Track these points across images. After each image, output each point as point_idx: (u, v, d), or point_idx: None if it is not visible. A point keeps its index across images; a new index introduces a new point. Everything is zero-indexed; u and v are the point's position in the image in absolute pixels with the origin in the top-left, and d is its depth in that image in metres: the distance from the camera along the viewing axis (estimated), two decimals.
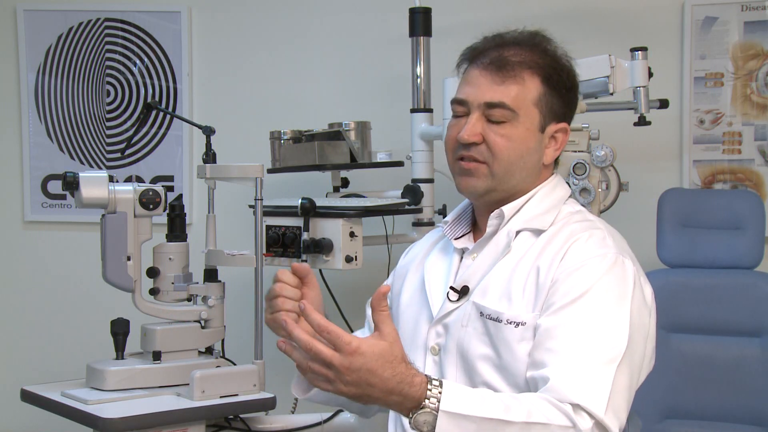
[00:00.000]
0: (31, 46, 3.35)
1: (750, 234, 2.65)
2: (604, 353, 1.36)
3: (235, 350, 2.44)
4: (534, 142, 1.54)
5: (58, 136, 3.37)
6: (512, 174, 1.53)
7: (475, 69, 1.54)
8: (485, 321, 1.48)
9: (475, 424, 1.28)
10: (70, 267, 3.36)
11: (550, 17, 3.07)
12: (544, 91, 1.53)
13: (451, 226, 1.64)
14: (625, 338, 1.38)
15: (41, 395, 2.26)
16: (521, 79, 1.51)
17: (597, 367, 1.34)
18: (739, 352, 2.61)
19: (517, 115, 1.51)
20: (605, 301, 1.41)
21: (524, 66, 1.52)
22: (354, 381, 1.26)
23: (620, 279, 1.45)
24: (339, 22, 3.27)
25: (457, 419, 1.28)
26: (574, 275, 1.43)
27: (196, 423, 2.15)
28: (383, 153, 2.88)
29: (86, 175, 2.24)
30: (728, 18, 2.98)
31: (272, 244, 2.54)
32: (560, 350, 1.37)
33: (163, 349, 2.28)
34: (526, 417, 1.28)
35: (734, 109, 2.99)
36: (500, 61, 1.51)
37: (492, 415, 1.28)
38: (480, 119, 1.52)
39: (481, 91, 1.52)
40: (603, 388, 1.33)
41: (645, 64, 2.55)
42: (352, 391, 1.27)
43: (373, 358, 1.26)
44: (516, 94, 1.51)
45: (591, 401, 1.31)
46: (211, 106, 3.32)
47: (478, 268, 1.54)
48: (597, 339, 1.37)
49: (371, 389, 1.27)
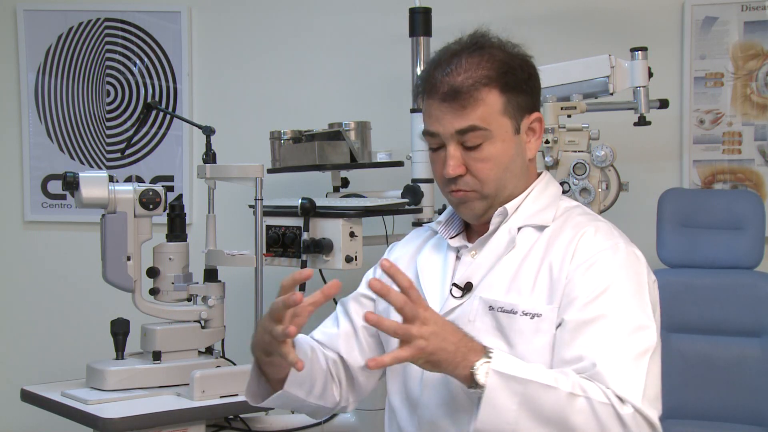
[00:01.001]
0: (31, 46, 3.35)
1: (750, 234, 2.65)
2: (637, 344, 1.40)
3: (235, 350, 2.44)
4: (513, 147, 1.55)
5: (58, 136, 3.37)
6: (504, 187, 1.56)
7: (433, 102, 1.54)
8: (496, 314, 1.50)
9: (522, 386, 1.32)
10: (70, 267, 3.36)
11: (550, 17, 3.07)
12: (506, 98, 1.53)
13: (445, 225, 1.65)
14: (654, 328, 1.43)
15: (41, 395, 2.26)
16: (480, 99, 1.50)
17: (631, 359, 1.38)
18: (739, 352, 2.61)
19: (490, 131, 1.51)
20: (628, 293, 1.44)
21: (479, 86, 1.51)
22: (432, 332, 1.31)
23: (636, 269, 1.48)
24: (339, 22, 3.27)
25: (506, 379, 1.32)
26: (592, 270, 1.46)
27: (196, 423, 2.15)
28: (383, 153, 2.88)
29: (86, 175, 2.25)
30: (728, 18, 2.98)
31: (272, 244, 2.54)
32: (595, 344, 1.39)
33: (163, 349, 2.28)
34: (571, 388, 1.32)
35: (734, 109, 2.99)
36: (454, 91, 1.51)
37: (539, 380, 1.33)
38: (457, 149, 1.53)
39: (448, 122, 1.52)
40: (639, 379, 1.37)
41: (645, 64, 2.55)
42: (430, 345, 1.30)
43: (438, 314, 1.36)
44: (481, 113, 1.50)
45: (630, 391, 1.35)
46: (211, 106, 3.32)
47: (480, 264, 1.55)
48: (628, 331, 1.41)
49: (446, 341, 1.31)
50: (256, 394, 1.55)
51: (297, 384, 1.52)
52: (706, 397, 2.62)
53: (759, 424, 2.57)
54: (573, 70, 2.61)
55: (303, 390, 1.55)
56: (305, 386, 1.55)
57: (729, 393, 2.60)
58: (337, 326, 1.69)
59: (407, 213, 2.67)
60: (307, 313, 1.41)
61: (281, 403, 1.56)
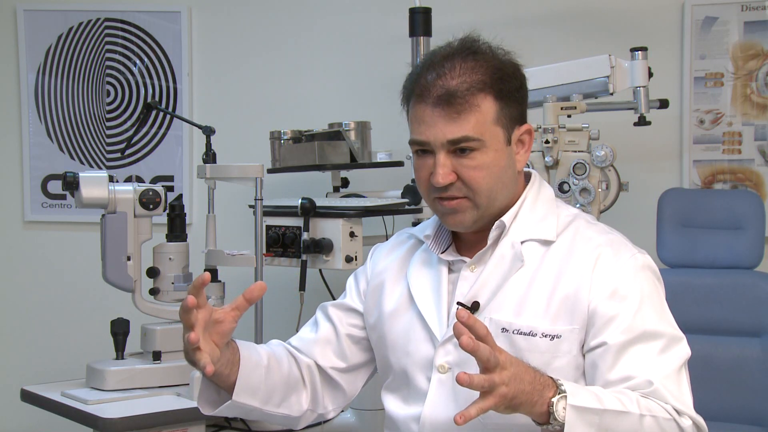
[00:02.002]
0: (31, 46, 3.35)
1: (750, 234, 2.65)
2: (678, 357, 1.43)
3: None
4: (505, 158, 1.49)
5: (58, 136, 3.37)
6: (495, 198, 1.50)
7: (425, 107, 1.46)
8: (511, 336, 1.46)
9: (597, 417, 1.31)
10: (70, 267, 3.36)
11: (550, 17, 3.07)
12: (499, 107, 1.47)
13: (435, 240, 1.58)
14: (683, 339, 1.46)
15: (41, 395, 2.26)
16: (475, 105, 1.45)
17: (677, 372, 1.42)
18: (739, 352, 2.61)
19: (483, 141, 1.46)
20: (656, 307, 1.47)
21: (474, 91, 1.45)
22: (512, 376, 1.27)
23: (654, 279, 1.51)
24: (339, 22, 3.26)
25: (581, 412, 1.31)
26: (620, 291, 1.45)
27: (196, 423, 2.15)
28: (383, 153, 2.87)
29: (86, 175, 2.25)
30: (728, 18, 2.98)
31: (272, 244, 2.54)
32: (643, 363, 1.41)
33: (163, 349, 2.28)
34: (639, 409, 1.34)
35: (734, 109, 2.99)
36: (448, 96, 1.44)
37: (610, 407, 1.33)
38: (447, 157, 1.46)
39: (439, 130, 1.45)
40: (686, 390, 1.42)
41: (645, 64, 2.55)
42: (511, 390, 1.27)
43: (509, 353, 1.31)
44: (475, 123, 1.45)
45: (684, 404, 1.39)
46: (211, 106, 3.32)
47: (485, 282, 1.50)
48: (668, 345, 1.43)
49: (523, 383, 1.28)
50: (207, 402, 1.53)
51: (248, 392, 1.48)
52: (706, 397, 2.62)
53: (759, 424, 2.57)
54: (573, 70, 2.61)
55: (257, 399, 1.50)
56: (259, 395, 1.50)
57: (729, 393, 2.60)
58: (315, 331, 1.65)
59: (407, 213, 2.67)
60: (231, 318, 1.39)
61: (236, 413, 1.53)
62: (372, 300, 1.64)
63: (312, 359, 1.62)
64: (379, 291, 1.64)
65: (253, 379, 1.49)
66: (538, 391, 1.30)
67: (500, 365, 1.26)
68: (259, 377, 1.50)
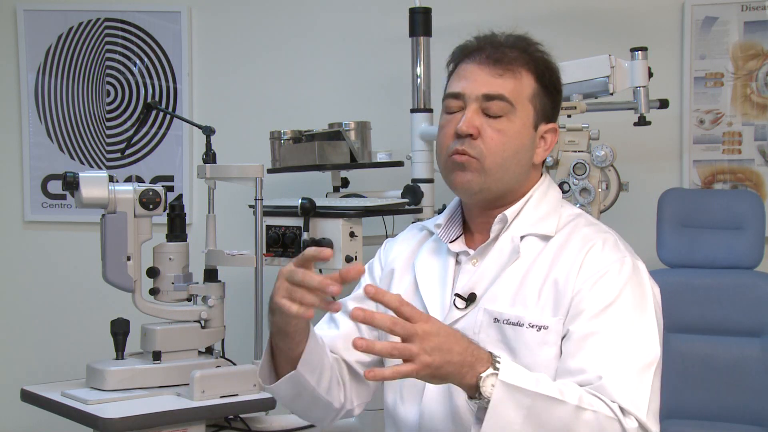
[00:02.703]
0: (31, 46, 3.35)
1: (750, 234, 2.65)
2: (640, 359, 1.40)
3: (235, 350, 2.44)
4: (528, 138, 1.54)
5: (58, 136, 3.37)
6: (505, 170, 1.52)
7: (470, 64, 1.54)
8: (501, 327, 1.48)
9: (529, 399, 1.29)
10: (70, 267, 3.36)
11: (550, 17, 3.07)
12: (537, 89, 1.54)
13: (445, 228, 1.62)
14: (658, 342, 1.43)
15: (41, 395, 2.26)
16: (518, 73, 1.52)
17: (635, 372, 1.38)
18: (739, 352, 2.61)
19: (514, 108, 1.51)
20: (633, 307, 1.44)
21: (520, 62, 1.53)
22: (436, 345, 1.26)
23: (640, 283, 1.48)
24: (339, 22, 3.27)
25: (512, 391, 1.29)
26: (599, 283, 1.45)
27: (196, 423, 2.15)
28: (383, 153, 2.88)
29: (86, 175, 2.24)
30: (728, 18, 2.98)
31: (272, 244, 2.54)
32: (600, 356, 1.38)
33: (163, 349, 2.28)
34: (578, 402, 1.31)
35: (734, 109, 2.99)
36: (498, 56, 1.52)
37: (546, 393, 1.30)
38: (477, 112, 1.51)
39: (478, 84, 1.51)
40: (644, 393, 1.36)
41: (645, 64, 2.55)
42: (435, 360, 1.26)
43: (441, 324, 1.30)
44: (513, 88, 1.51)
45: (634, 404, 1.34)
46: (211, 106, 3.32)
47: (483, 274, 1.53)
48: (633, 345, 1.40)
49: (450, 354, 1.27)
50: (268, 375, 1.51)
51: (309, 368, 1.48)
52: (706, 397, 2.62)
53: (759, 424, 2.57)
54: (573, 70, 2.60)
55: (314, 376, 1.50)
56: (316, 373, 1.50)
57: (729, 393, 2.60)
58: (336, 327, 1.65)
59: (407, 213, 2.67)
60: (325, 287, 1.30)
61: (292, 390, 1.51)
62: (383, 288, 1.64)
63: (338, 354, 1.61)
64: (389, 279, 1.66)
65: (315, 356, 1.48)
66: (468, 363, 1.29)
67: (420, 335, 1.25)
68: (319, 356, 1.50)
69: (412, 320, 1.27)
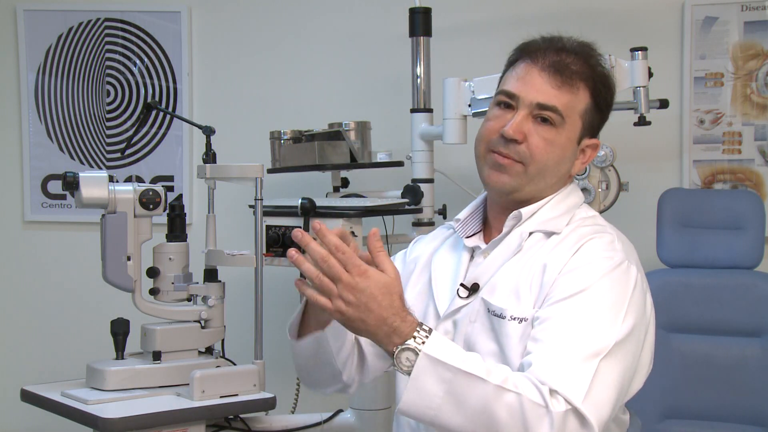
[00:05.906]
0: (31, 46, 3.35)
1: (750, 234, 2.65)
2: (588, 346, 1.37)
3: (235, 350, 2.44)
4: (570, 151, 1.56)
5: (58, 136, 3.37)
6: (543, 177, 1.54)
7: (532, 67, 1.54)
8: (491, 317, 1.50)
9: (451, 373, 1.31)
10: (70, 267, 3.36)
11: (550, 17, 3.07)
12: (590, 105, 1.55)
13: (463, 223, 1.65)
14: (614, 336, 1.39)
15: (41, 395, 2.26)
16: (576, 88, 1.53)
17: (580, 358, 1.36)
18: (739, 352, 2.61)
19: (564, 122, 1.52)
20: (601, 300, 1.42)
21: (581, 76, 1.53)
22: (354, 302, 1.31)
23: (621, 283, 1.46)
24: (339, 22, 3.26)
25: (435, 364, 1.31)
26: (575, 272, 1.45)
27: (196, 423, 2.15)
28: (383, 153, 2.88)
29: (86, 175, 2.24)
30: (728, 18, 2.98)
31: (272, 244, 2.54)
32: (546, 340, 1.38)
33: (163, 349, 2.28)
34: (501, 382, 1.31)
35: (734, 109, 2.99)
36: (560, 66, 1.52)
37: (469, 370, 1.31)
38: (527, 117, 1.52)
39: (535, 91, 1.52)
40: (583, 378, 1.34)
41: (645, 64, 2.55)
42: (349, 312, 1.31)
43: (378, 285, 1.32)
44: (568, 101, 1.52)
45: (569, 388, 1.32)
46: (211, 106, 3.32)
47: (488, 266, 1.55)
48: (584, 332, 1.38)
49: (367, 314, 1.31)
50: (295, 331, 1.57)
51: (335, 333, 1.53)
52: (706, 397, 2.62)
53: (759, 424, 2.57)
54: None
55: (337, 343, 1.55)
56: (339, 341, 1.56)
57: (729, 393, 2.60)
58: None
59: (407, 213, 2.67)
60: None
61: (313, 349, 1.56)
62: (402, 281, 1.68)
63: None
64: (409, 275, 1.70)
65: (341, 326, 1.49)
66: (384, 332, 1.32)
67: (345, 283, 1.30)
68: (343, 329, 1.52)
69: (345, 267, 1.32)
